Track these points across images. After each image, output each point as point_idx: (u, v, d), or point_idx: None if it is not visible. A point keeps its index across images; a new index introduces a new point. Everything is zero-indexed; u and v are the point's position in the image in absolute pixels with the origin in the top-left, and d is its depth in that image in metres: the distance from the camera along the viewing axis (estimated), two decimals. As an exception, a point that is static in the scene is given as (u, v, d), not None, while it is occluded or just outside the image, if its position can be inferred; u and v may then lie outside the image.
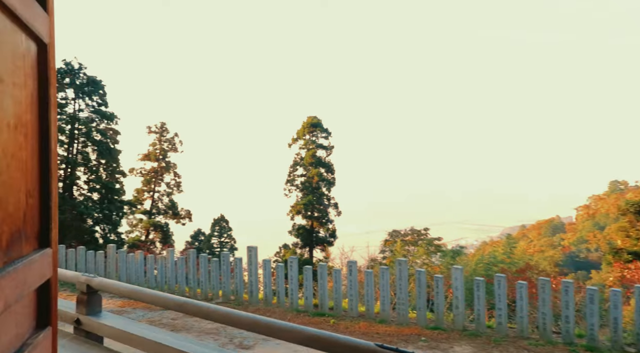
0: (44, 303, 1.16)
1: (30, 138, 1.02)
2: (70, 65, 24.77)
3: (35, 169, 1.04)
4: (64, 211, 23.55)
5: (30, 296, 1.02)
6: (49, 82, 1.09)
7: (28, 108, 0.99)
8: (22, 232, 0.96)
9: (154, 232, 30.73)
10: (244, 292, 9.64)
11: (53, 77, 1.13)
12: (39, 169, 1.07)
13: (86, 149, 25.72)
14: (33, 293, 1.05)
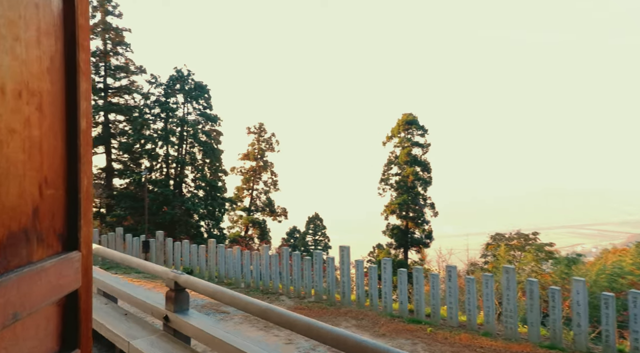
0: (71, 321, 0.95)
1: (48, 113, 0.82)
2: (180, 72, 26.99)
3: (58, 153, 0.84)
4: (174, 207, 25.75)
5: (48, 312, 0.83)
6: (78, 45, 0.89)
7: (44, 74, 0.79)
8: (29, 231, 0.77)
9: (253, 229, 32.26)
10: (336, 292, 9.46)
11: (84, 39, 0.92)
12: (64, 153, 0.87)
13: (193, 149, 27.84)
14: (54, 308, 0.86)
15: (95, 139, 29.10)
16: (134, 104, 30.17)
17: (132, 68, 29.70)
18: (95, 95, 29.95)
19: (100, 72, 29.49)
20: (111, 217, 27.11)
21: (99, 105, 29.74)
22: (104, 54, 29.10)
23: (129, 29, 29.50)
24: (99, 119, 29.99)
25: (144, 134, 27.23)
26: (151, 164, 27.26)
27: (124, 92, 30.08)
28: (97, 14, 29.11)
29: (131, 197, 26.26)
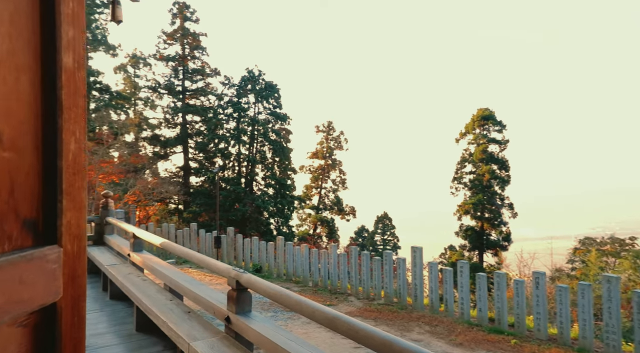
0: (48, 340, 0.68)
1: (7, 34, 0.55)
2: (251, 73, 27.72)
3: (22, 98, 0.57)
4: (245, 204, 26.48)
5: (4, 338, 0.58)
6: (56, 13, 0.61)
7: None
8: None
9: (321, 227, 32.32)
10: (408, 295, 8.95)
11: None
12: (37, 101, 0.61)
13: (263, 148, 28.47)
14: (15, 331, 0.60)
15: (174, 139, 30.83)
16: (209, 105, 31.54)
17: (208, 70, 31.06)
18: (174, 97, 31.73)
19: (179, 76, 31.18)
20: (187, 213, 28.54)
21: (177, 107, 31.48)
22: (182, 58, 30.71)
23: (205, 34, 30.88)
24: (177, 120, 31.74)
25: (217, 133, 28.33)
26: (224, 162, 28.29)
27: (200, 94, 31.55)
28: (177, 20, 30.80)
29: (206, 194, 27.44)
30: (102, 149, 22.69)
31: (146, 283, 3.75)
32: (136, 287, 3.62)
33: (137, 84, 36.45)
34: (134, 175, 24.53)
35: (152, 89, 33.25)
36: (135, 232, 4.41)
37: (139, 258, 4.17)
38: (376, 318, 8.01)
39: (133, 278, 3.91)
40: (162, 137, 31.69)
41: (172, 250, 3.52)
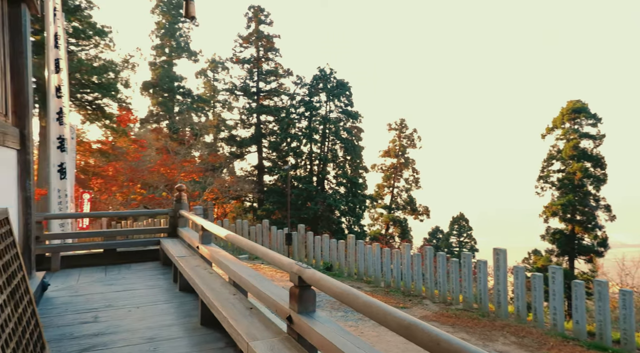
0: None
1: None
2: (323, 71, 27.77)
3: None
4: (317, 202, 26.56)
5: None
6: None
7: None
8: None
9: (393, 227, 31.54)
10: (489, 301, 8.21)
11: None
12: None
13: (335, 147, 28.39)
14: None
15: (249, 139, 31.85)
16: (282, 105, 32.17)
17: (281, 71, 31.70)
18: (249, 98, 32.78)
19: (254, 77, 32.17)
20: (261, 210, 29.32)
21: (252, 108, 32.50)
22: (257, 60, 31.65)
23: (278, 35, 31.55)
24: (252, 120, 32.77)
25: (290, 132, 28.76)
26: (296, 161, 28.64)
27: (273, 95, 32.29)
28: (252, 24, 31.78)
29: (278, 193, 27.97)
30: (183, 149, 24.03)
31: (212, 277, 3.65)
32: (201, 280, 3.52)
33: (216, 87, 38.27)
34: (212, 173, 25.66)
35: (229, 91, 34.66)
36: (203, 224, 4.36)
37: (206, 250, 4.10)
38: (454, 325, 7.42)
39: (200, 270, 3.84)
40: (238, 137, 32.91)
41: (237, 242, 3.37)
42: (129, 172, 21.20)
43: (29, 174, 3.79)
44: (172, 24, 36.46)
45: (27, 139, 3.78)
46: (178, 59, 37.80)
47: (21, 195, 3.73)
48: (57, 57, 7.40)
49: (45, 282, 4.04)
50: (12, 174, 3.55)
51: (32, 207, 3.81)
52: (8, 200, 3.44)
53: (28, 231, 3.76)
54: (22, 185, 3.73)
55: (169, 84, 35.56)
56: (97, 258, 5.46)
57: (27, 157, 3.78)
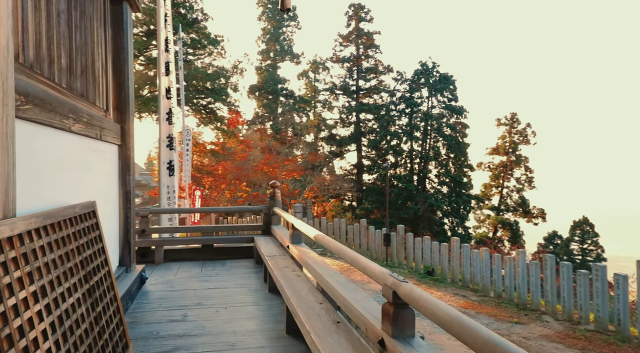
0: None
1: None
2: (425, 66, 26.55)
3: None
4: (417, 202, 25.47)
5: None
6: None
7: None
8: None
9: (502, 230, 29.01)
10: (631, 324, 6.82)
11: None
12: None
13: (437, 144, 26.96)
14: None
15: (348, 137, 31.80)
16: (381, 103, 31.53)
17: (380, 68, 31.08)
18: (349, 97, 32.72)
19: (353, 76, 32.03)
20: (360, 210, 29.03)
21: (351, 106, 32.39)
22: (357, 58, 31.44)
23: (379, 31, 30.97)
24: (351, 119, 32.67)
25: (389, 130, 28.03)
26: (396, 159, 27.82)
27: (372, 92, 31.82)
28: (352, 22, 31.68)
29: (377, 192, 27.42)
30: (285, 148, 24.77)
31: (300, 280, 3.36)
32: (288, 283, 3.25)
33: (317, 88, 39.01)
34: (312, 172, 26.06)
35: (330, 90, 35.01)
36: (294, 222, 4.11)
37: (296, 251, 3.84)
38: (584, 349, 6.27)
39: (288, 272, 3.58)
40: (337, 136, 33.07)
41: (325, 244, 3.02)
42: (235, 171, 22.41)
43: (129, 169, 3.88)
44: (276, 29, 38.01)
45: (128, 135, 3.87)
46: (282, 62, 39.31)
47: (121, 190, 3.82)
48: (167, 60, 7.84)
49: (144, 275, 4.12)
50: (111, 168, 3.65)
51: (131, 201, 3.90)
52: (108, 194, 3.52)
53: (127, 225, 3.85)
54: (122, 180, 3.83)
55: (273, 87, 37.11)
56: (195, 253, 5.57)
57: (127, 152, 3.88)
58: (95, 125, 3.07)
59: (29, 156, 2.04)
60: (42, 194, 2.19)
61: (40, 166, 2.18)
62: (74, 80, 2.81)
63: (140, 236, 5.35)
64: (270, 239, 5.27)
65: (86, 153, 2.95)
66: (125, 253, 3.85)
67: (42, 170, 2.21)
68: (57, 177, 2.39)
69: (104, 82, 3.53)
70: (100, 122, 3.22)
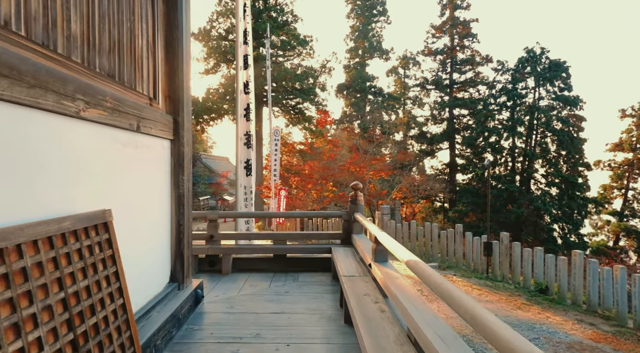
0: None
1: None
2: (532, 52, 23.68)
3: None
4: (520, 205, 22.86)
5: None
6: None
7: None
8: None
9: (626, 239, 24.92)
10: None
11: None
12: None
13: (545, 140, 23.94)
14: None
15: (440, 135, 29.83)
16: (478, 97, 29.05)
17: (478, 59, 28.65)
18: (441, 92, 30.70)
19: (447, 68, 29.94)
20: (453, 212, 26.98)
21: (444, 102, 30.33)
22: (451, 49, 29.33)
23: (476, 19, 28.55)
24: (444, 115, 30.61)
25: (487, 126, 25.60)
26: (495, 157, 25.32)
27: (468, 85, 29.46)
28: (446, 11, 29.66)
29: (473, 193, 25.20)
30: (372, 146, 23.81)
31: (383, 319, 2.47)
32: (366, 322, 2.38)
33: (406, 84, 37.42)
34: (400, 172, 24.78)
35: (420, 85, 33.27)
36: (377, 235, 3.22)
37: (380, 273, 2.95)
38: None
39: (368, 304, 2.71)
40: (428, 133, 31.27)
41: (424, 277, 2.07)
42: (322, 171, 22.01)
43: (182, 167, 3.30)
44: (365, 25, 37.19)
45: (181, 128, 3.28)
46: (370, 59, 38.40)
47: (173, 193, 3.25)
48: (245, 53, 7.41)
49: (199, 293, 3.53)
50: (160, 167, 3.08)
51: (185, 205, 3.31)
52: (154, 198, 2.95)
53: (180, 233, 3.27)
54: (174, 181, 3.25)
55: (361, 85, 36.34)
56: (267, 263, 4.93)
57: (180, 148, 3.29)
58: (128, 114, 2.47)
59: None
60: (27, 201, 1.59)
61: (17, 162, 1.57)
62: (95, 55, 2.23)
63: (208, 242, 4.84)
64: (350, 251, 4.44)
65: (114, 147, 2.36)
66: (178, 267, 3.27)
67: (22, 168, 1.60)
68: (51, 177, 1.78)
69: (149, 64, 2.96)
70: (139, 110, 2.63)
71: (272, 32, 31.85)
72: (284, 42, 33.64)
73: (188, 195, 3.39)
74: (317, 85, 35.08)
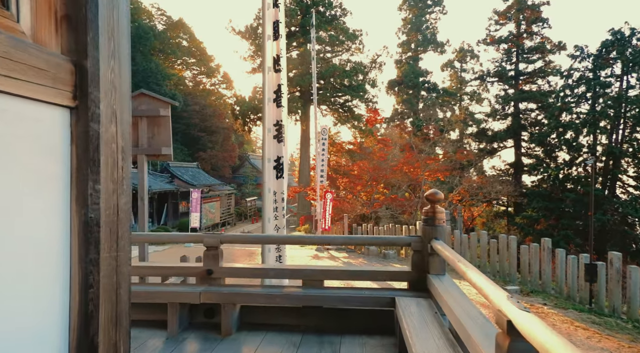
0: None
1: None
2: (618, 34, 20.32)
3: None
4: (604, 211, 19.71)
5: None
6: None
7: None
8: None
9: None
10: None
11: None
12: None
13: (635, 136, 20.53)
14: None
15: (504, 132, 26.96)
16: (549, 89, 25.87)
17: (549, 46, 25.52)
18: (505, 84, 27.77)
19: (512, 58, 26.99)
20: (520, 218, 24.08)
21: (508, 95, 27.40)
22: (517, 36, 26.38)
23: (547, 1, 25.40)
24: (508, 110, 27.66)
25: (561, 121, 22.50)
26: (571, 156, 22.18)
27: (537, 76, 26.39)
28: (511, -5, 26.76)
29: (545, 197, 22.22)
30: (427, 145, 21.64)
31: None
32: None
33: (463, 78, 34.66)
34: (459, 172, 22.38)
35: (480, 78, 30.50)
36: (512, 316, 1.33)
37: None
38: None
39: None
40: (489, 131, 28.47)
41: None
42: (372, 171, 20.16)
43: (96, 166, 1.51)
44: (418, 16, 34.88)
45: (94, 85, 1.48)
46: (424, 53, 36.00)
47: (76, 217, 1.47)
48: (275, 18, 5.73)
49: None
50: (45, 164, 1.35)
51: (106, 242, 1.59)
52: (31, 228, 1.24)
53: (90, 301, 1.57)
54: (78, 193, 1.47)
55: (414, 80, 34.06)
56: (291, 316, 3.19)
57: (93, 127, 1.49)
58: None
59: None
60: None
61: None
62: None
63: (203, 280, 3.20)
64: (426, 306, 2.62)
65: None
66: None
67: None
68: None
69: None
70: (14, 46, 0.94)
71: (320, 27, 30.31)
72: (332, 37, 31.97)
73: (121, 220, 1.64)
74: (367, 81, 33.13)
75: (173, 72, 42.40)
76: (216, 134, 41.00)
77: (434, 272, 2.96)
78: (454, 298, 2.37)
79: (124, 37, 1.37)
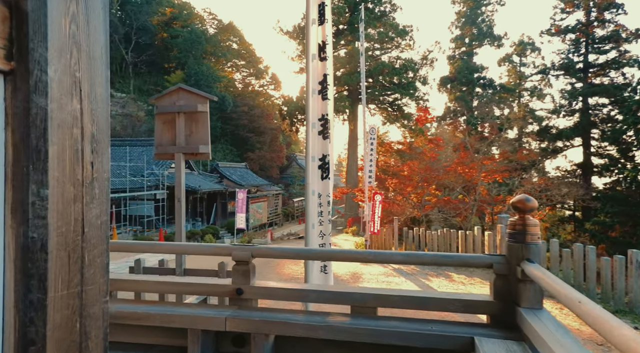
0: None
1: None
2: None
3: None
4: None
5: None
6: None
7: None
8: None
9: None
10: None
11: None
12: None
13: None
14: None
15: (570, 130, 24.84)
16: (624, 81, 23.50)
17: (624, 35, 23.21)
18: (572, 78, 25.60)
19: (580, 49, 24.80)
20: (591, 223, 21.96)
21: (576, 89, 25.21)
22: (586, 25, 24.23)
23: (621, -16, 23.13)
24: (575, 105, 25.46)
25: (639, 117, 20.30)
26: (651, 156, 19.96)
27: (609, 68, 24.08)
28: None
29: (621, 201, 20.10)
30: (484, 145, 20.28)
31: None
32: None
33: (523, 74, 32.60)
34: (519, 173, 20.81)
35: (542, 73, 28.41)
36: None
37: None
38: None
39: None
40: (553, 129, 26.37)
41: None
42: (423, 172, 19.13)
43: (42, 157, 0.93)
44: (473, 9, 33.23)
45: (34, 37, 0.91)
46: (479, 48, 34.26)
47: (11, 238, 0.90)
48: (321, 0, 5.13)
49: None
50: None
51: (40, 271, 1.00)
52: None
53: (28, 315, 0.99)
54: (14, 201, 0.89)
55: (468, 76, 32.46)
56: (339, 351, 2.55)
57: (37, 101, 0.89)
58: None
59: None
60: None
61: None
62: None
63: (231, 302, 2.64)
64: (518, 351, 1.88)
65: None
66: None
67: None
68: None
69: None
70: None
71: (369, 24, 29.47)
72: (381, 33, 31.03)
73: (89, 240, 1.04)
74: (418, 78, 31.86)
75: (223, 74, 43.19)
76: (264, 135, 41.29)
77: (526, 304, 2.19)
78: (563, 347, 1.62)
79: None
